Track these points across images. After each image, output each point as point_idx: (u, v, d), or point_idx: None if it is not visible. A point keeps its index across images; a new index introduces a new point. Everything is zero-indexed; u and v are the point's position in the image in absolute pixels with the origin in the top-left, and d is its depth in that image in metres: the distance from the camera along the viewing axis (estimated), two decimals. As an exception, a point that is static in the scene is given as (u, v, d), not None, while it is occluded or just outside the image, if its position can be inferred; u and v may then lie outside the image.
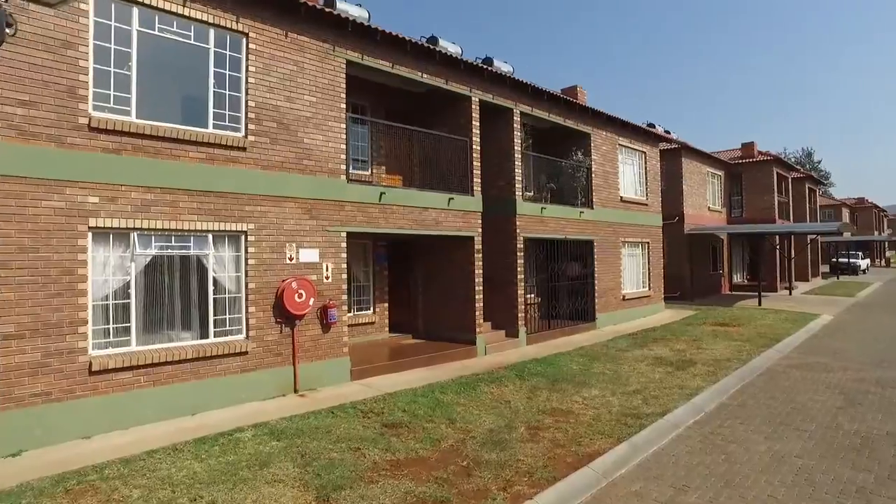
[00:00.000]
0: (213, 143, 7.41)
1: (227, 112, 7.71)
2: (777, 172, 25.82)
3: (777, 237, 25.01)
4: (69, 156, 6.19)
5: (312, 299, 8.23)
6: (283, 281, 8.03)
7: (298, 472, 5.50)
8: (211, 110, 7.54)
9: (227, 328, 7.68)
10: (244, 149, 7.73)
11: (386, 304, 11.76)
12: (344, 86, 9.02)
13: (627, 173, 17.02)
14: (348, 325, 10.87)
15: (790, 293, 24.04)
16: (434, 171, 11.20)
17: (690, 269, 21.90)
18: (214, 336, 7.53)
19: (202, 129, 7.39)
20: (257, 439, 6.34)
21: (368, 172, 11.36)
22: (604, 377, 9.36)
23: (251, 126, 7.84)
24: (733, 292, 25.36)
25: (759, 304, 19.49)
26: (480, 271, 11.38)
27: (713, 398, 8.07)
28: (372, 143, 11.49)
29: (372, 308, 11.55)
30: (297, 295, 8.02)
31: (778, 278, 25.49)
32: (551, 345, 12.45)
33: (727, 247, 25.75)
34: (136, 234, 6.78)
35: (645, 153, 17.73)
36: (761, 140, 27.37)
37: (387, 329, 11.72)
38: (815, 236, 30.23)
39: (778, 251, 25.30)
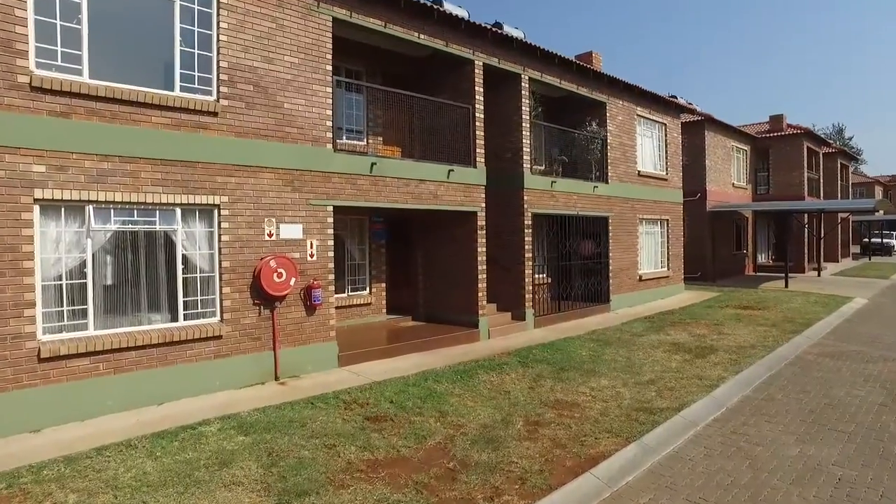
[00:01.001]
0: (181, 108, 6.70)
1: (196, 73, 6.97)
2: (807, 147, 24.35)
3: (806, 215, 23.68)
4: (7, 119, 5.52)
5: (294, 279, 7.56)
6: (262, 259, 7.36)
7: (261, 474, 4.88)
8: (178, 71, 6.81)
9: (200, 310, 7.06)
10: (216, 114, 7.01)
11: (383, 284, 11.08)
12: (330, 46, 8.21)
13: (646, 146, 15.96)
14: (341, 307, 10.24)
15: (819, 274, 22.81)
16: (435, 142, 10.37)
17: (712, 248, 20.81)
18: (185, 319, 6.91)
19: (167, 92, 6.67)
20: (223, 434, 5.73)
21: (364, 143, 10.58)
22: (615, 365, 8.58)
23: (224, 89, 7.10)
24: (758, 273, 24.20)
25: (786, 285, 18.40)
26: (484, 249, 10.60)
27: (736, 391, 7.25)
28: (367, 112, 10.69)
29: (368, 288, 10.88)
30: (275, 274, 7.36)
31: (806, 259, 24.21)
32: (561, 328, 11.68)
33: (752, 225, 24.50)
34: (91, 207, 6.13)
35: (665, 125, 16.61)
36: (789, 116, 25.74)
37: (384, 310, 11.05)
38: (847, 215, 28.71)
39: (807, 230, 23.98)
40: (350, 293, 10.60)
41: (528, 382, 7.73)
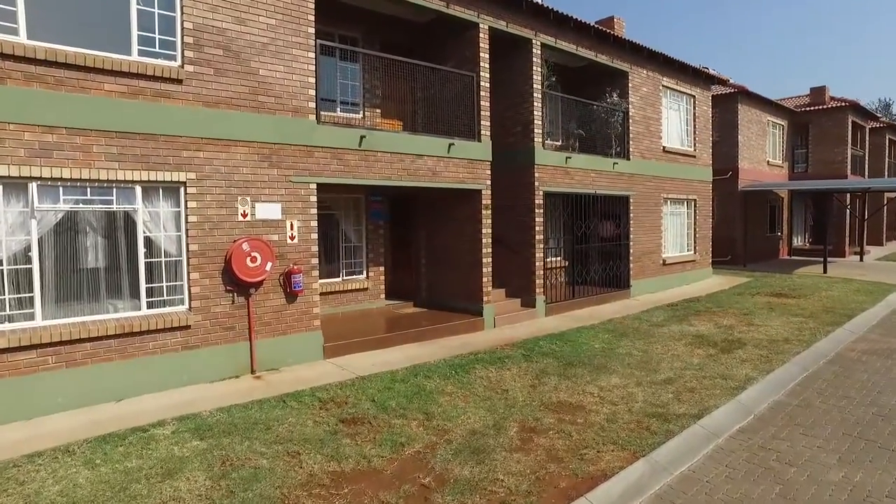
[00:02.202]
0: (139, 74, 6.01)
1: (156, 36, 6.27)
2: (852, 121, 22.57)
3: (848, 195, 22.06)
4: (-70, 84, 4.92)
5: (270, 264, 6.89)
6: (235, 242, 6.71)
7: (208, 487, 4.26)
8: (134, 33, 6.11)
9: (165, 298, 6.46)
10: (180, 81, 6.30)
11: (382, 268, 10.37)
12: (312, 6, 7.40)
13: (672, 120, 14.77)
14: (334, 292, 9.60)
15: (861, 259, 21.26)
16: (438, 115, 9.52)
17: (744, 230, 19.50)
18: (149, 307, 6.32)
19: (123, 57, 5.98)
20: (176, 437, 5.13)
21: (360, 116, 9.80)
22: (630, 360, 7.73)
23: (189, 53, 6.38)
24: (793, 257, 22.75)
25: (825, 271, 17.07)
26: (489, 231, 9.78)
27: (766, 394, 6.34)
28: (364, 83, 9.88)
29: (365, 272, 10.19)
30: (249, 258, 6.70)
31: (847, 242, 22.64)
32: (574, 316, 10.84)
33: (787, 205, 22.98)
34: (35, 184, 5.52)
35: (694, 97, 15.35)
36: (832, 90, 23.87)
37: (382, 296, 10.37)
38: (895, 195, 26.78)
39: (849, 211, 22.36)
40: (345, 278, 9.93)
41: (530, 379, 6.96)
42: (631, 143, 13.03)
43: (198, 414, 5.64)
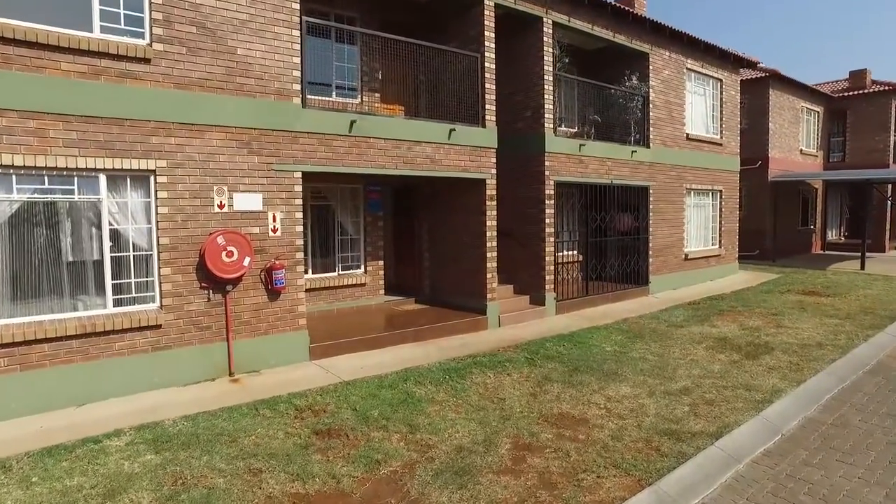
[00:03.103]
0: (102, 53, 5.53)
1: (121, 11, 5.78)
2: None
3: (890, 186, 20.71)
4: None
5: (248, 258, 6.38)
6: (210, 235, 6.21)
7: (150, 513, 3.78)
8: (96, 7, 5.62)
9: (134, 295, 6.01)
10: (148, 61, 5.81)
11: (381, 262, 9.82)
12: (297, -21, 6.84)
13: (697, 105, 13.84)
14: (329, 288, 9.10)
15: (901, 253, 19.97)
16: (442, 100, 8.89)
17: (774, 223, 18.41)
18: (115, 305, 5.88)
19: (83, 34, 5.50)
20: (130, 449, 4.67)
21: (358, 101, 9.22)
22: (643, 365, 7.05)
23: (158, 31, 5.87)
24: (827, 252, 21.52)
25: (862, 267, 15.95)
26: (494, 223, 9.14)
27: (796, 409, 5.60)
28: (363, 66, 9.29)
29: (363, 266, 9.65)
30: (224, 253, 6.20)
31: (887, 236, 21.29)
32: (587, 315, 10.15)
33: (822, 197, 21.72)
34: (-16, 172, 5.10)
35: (721, 81, 14.37)
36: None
37: (381, 291, 9.83)
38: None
39: (890, 203, 21.00)
40: (341, 272, 9.41)
41: (531, 387, 6.34)
42: (651, 129, 12.20)
43: (160, 422, 5.18)
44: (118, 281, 5.91)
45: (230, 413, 5.45)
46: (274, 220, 6.73)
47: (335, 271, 9.37)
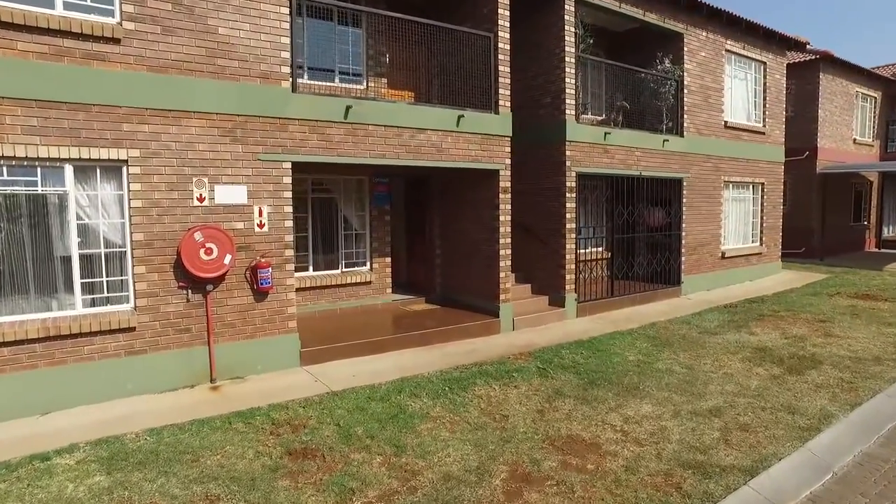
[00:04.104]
0: (65, 32, 5.08)
1: (90, -15, 5.31)
2: (961, 90, 19.33)
3: (954, 178, 18.98)
4: None
5: (229, 256, 5.88)
6: (188, 230, 5.73)
7: (80, 550, 3.29)
8: (62, -18, 5.17)
9: (106, 295, 5.59)
10: (118, 41, 5.34)
11: (387, 259, 9.23)
12: (287, -49, 6.26)
13: (738, 90, 12.74)
14: (331, 286, 8.58)
15: (967, 251, 18.26)
16: (455, 85, 8.22)
17: (822, 218, 17.03)
18: (85, 306, 5.46)
19: (44, 10, 5.06)
20: (80, 469, 4.21)
21: (363, 87, 8.62)
22: (669, 379, 6.27)
23: (129, 8, 5.39)
24: (882, 250, 19.90)
25: (922, 266, 14.54)
26: (508, 218, 8.43)
27: (850, 441, 4.75)
28: (368, 49, 8.69)
29: (368, 263, 9.08)
30: (203, 250, 5.71)
31: (950, 232, 19.55)
32: (610, 318, 9.35)
33: (877, 190, 20.09)
34: (-65, 162, 4.71)
35: (765, 64, 13.21)
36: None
37: (389, 290, 9.25)
38: None
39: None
40: (344, 269, 8.87)
41: (539, 402, 5.66)
42: (685, 117, 11.22)
43: (121, 437, 4.72)
44: (89, 280, 5.49)
45: (200, 427, 4.95)
46: (260, 214, 6.21)
47: (338, 268, 8.84)
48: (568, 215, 9.29)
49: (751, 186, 13.31)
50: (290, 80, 6.35)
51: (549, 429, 5.05)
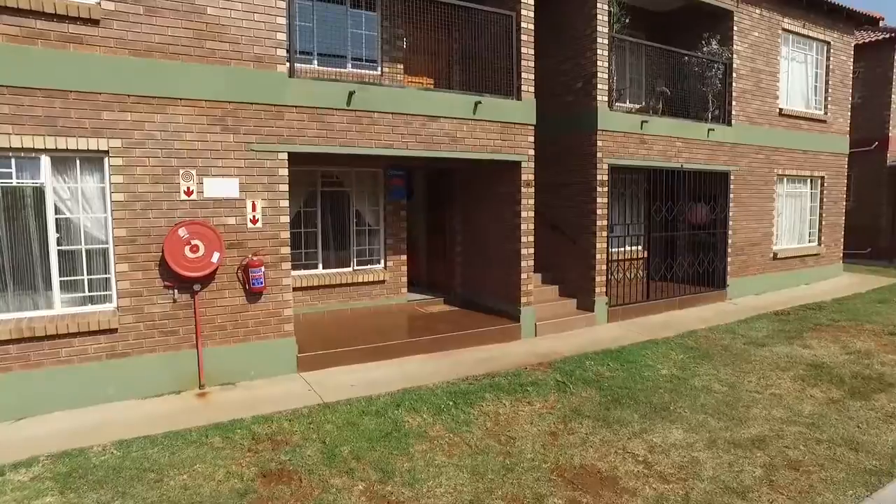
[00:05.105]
0: (37, 12, 4.75)
1: (67, -37, 4.96)
2: None
3: None
4: None
5: (217, 254, 5.46)
6: (175, 226, 5.35)
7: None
8: (37, -41, 4.84)
9: (87, 294, 5.27)
10: (97, 22, 4.97)
11: (403, 257, 8.69)
12: (284, -77, 5.78)
13: (795, 74, 11.54)
14: (342, 285, 8.14)
15: None
16: (477, 70, 7.60)
17: (892, 216, 15.45)
18: (64, 305, 5.16)
19: (18, -11, 4.74)
20: (32, 487, 3.86)
21: (378, 73, 8.09)
22: (706, 399, 5.50)
23: (111, -15, 5.03)
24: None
25: None
26: (530, 214, 7.75)
27: (930, 490, 3.90)
28: (384, 31, 8.14)
29: (382, 261, 8.57)
30: (188, 247, 5.31)
31: None
32: (645, 325, 8.54)
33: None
34: None
35: (828, 44, 11.93)
36: None
37: (404, 290, 8.71)
38: None
39: None
40: (356, 268, 8.38)
41: (553, 423, 5.01)
42: (734, 103, 10.19)
43: (86, 449, 4.36)
44: (69, 278, 5.18)
45: (174, 440, 4.55)
46: (253, 209, 5.77)
47: (350, 266, 8.37)
48: (599, 211, 8.51)
49: (808, 180, 12.08)
50: (287, 63, 5.87)
51: (560, 456, 4.40)
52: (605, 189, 8.54)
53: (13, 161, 4.86)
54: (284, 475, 4.11)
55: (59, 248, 5.10)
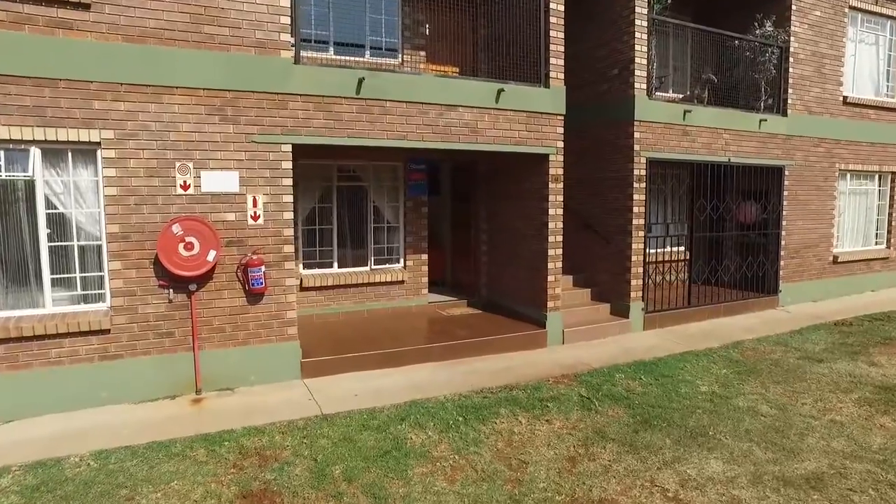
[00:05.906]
0: (28, -3, 4.52)
1: (58, -56, 4.71)
2: None
3: None
4: None
5: (214, 252, 5.14)
6: (169, 222, 5.05)
7: None
8: (27, -59, 4.61)
9: (79, 293, 5.04)
10: (87, 6, 4.71)
11: (423, 256, 8.22)
12: None
13: (863, 57, 10.43)
14: (359, 285, 7.79)
15: None
16: (504, 57, 7.07)
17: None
18: (55, 304, 4.94)
19: (7, -27, 4.52)
20: (-2, 502, 3.61)
21: (398, 61, 7.67)
22: (752, 424, 4.82)
23: (103, -33, 4.75)
24: None
25: None
26: (558, 211, 7.16)
27: None
28: (403, 16, 7.70)
29: (402, 260, 8.14)
30: (182, 245, 5.00)
31: None
32: (685, 333, 7.80)
33: None
34: None
35: (902, 24, 10.75)
36: None
37: (424, 290, 8.25)
38: None
39: None
40: (374, 267, 7.98)
41: (573, 446, 4.46)
42: (790, 91, 9.25)
43: (62, 459, 4.09)
44: (60, 276, 4.96)
45: (156, 451, 4.24)
46: (254, 204, 5.43)
47: (367, 266, 7.98)
48: (636, 209, 7.81)
49: (876, 177, 10.93)
50: (292, 49, 5.49)
51: (577, 487, 3.86)
52: (643, 185, 7.83)
53: (1, 153, 4.65)
54: (266, 496, 3.72)
55: (51, 244, 4.88)
